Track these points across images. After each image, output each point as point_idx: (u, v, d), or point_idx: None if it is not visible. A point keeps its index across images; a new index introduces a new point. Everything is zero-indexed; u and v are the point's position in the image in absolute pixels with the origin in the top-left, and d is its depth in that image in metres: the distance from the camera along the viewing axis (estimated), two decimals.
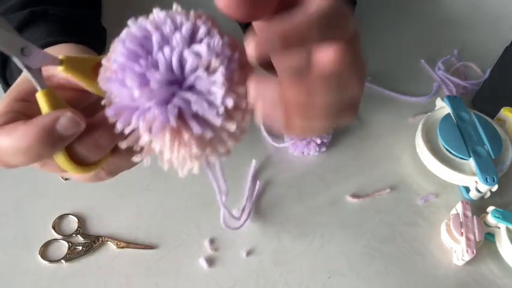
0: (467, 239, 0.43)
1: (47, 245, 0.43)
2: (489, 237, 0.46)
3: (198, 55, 0.22)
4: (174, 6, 0.24)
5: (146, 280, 0.42)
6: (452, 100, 0.55)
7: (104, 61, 0.24)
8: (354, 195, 0.50)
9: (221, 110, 0.23)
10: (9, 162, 0.26)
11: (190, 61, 0.22)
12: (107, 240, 0.44)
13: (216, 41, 0.23)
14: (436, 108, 0.58)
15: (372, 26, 0.71)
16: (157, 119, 0.22)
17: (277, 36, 0.22)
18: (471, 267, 0.44)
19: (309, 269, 0.43)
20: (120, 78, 0.23)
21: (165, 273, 0.42)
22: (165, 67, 0.22)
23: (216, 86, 0.22)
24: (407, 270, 0.44)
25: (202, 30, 0.23)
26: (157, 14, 0.24)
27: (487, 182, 0.46)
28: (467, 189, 0.50)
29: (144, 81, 0.22)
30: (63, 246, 0.43)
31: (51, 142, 0.25)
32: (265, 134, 0.54)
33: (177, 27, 0.23)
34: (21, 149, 0.25)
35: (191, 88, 0.23)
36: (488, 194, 0.49)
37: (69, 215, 0.46)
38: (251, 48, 0.22)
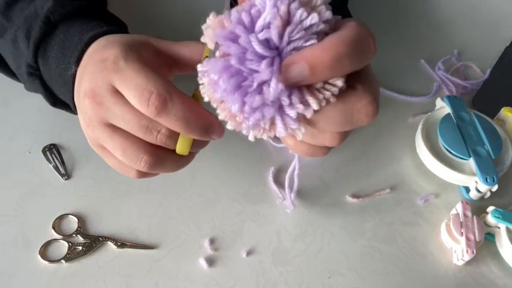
0: (467, 239, 0.43)
1: (47, 245, 0.43)
2: (489, 237, 0.46)
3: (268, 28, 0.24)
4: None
5: (146, 280, 0.42)
6: (452, 100, 0.55)
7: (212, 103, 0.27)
8: (354, 195, 0.50)
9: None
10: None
11: (271, 32, 0.24)
12: (107, 240, 0.44)
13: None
14: (436, 108, 0.58)
15: (372, 26, 0.71)
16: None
17: (307, 66, 0.23)
18: (471, 267, 0.44)
19: (309, 269, 0.43)
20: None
21: (165, 273, 0.42)
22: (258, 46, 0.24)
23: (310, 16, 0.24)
24: (407, 270, 0.44)
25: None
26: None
27: (487, 182, 0.46)
28: (467, 189, 0.50)
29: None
30: (63, 246, 0.43)
31: (200, 131, 0.29)
32: None
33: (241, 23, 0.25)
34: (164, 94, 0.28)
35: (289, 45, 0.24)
36: (488, 194, 0.49)
37: (69, 215, 0.46)
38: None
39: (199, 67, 0.27)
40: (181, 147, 0.31)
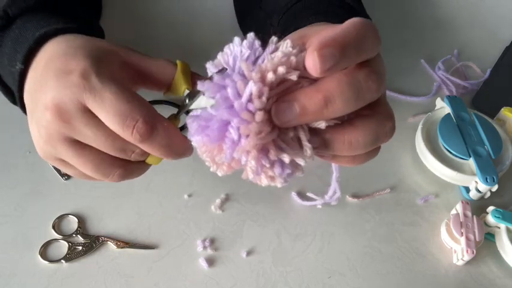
0: (467, 239, 0.43)
1: (47, 245, 0.43)
2: (489, 237, 0.46)
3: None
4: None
5: (146, 280, 0.42)
6: (452, 100, 0.55)
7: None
8: (354, 195, 0.50)
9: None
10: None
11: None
12: (107, 240, 0.44)
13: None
14: (436, 108, 0.58)
15: None
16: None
17: (338, 48, 0.22)
18: (471, 267, 0.44)
19: (309, 269, 0.43)
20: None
21: (165, 273, 0.42)
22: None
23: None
24: (407, 270, 0.44)
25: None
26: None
27: (487, 182, 0.46)
28: (467, 189, 0.50)
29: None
30: (63, 246, 0.43)
31: (178, 155, 0.30)
32: None
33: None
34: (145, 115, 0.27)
35: None
36: (488, 194, 0.49)
37: (69, 215, 0.46)
38: (316, 62, 0.22)
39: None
40: (154, 160, 0.31)
